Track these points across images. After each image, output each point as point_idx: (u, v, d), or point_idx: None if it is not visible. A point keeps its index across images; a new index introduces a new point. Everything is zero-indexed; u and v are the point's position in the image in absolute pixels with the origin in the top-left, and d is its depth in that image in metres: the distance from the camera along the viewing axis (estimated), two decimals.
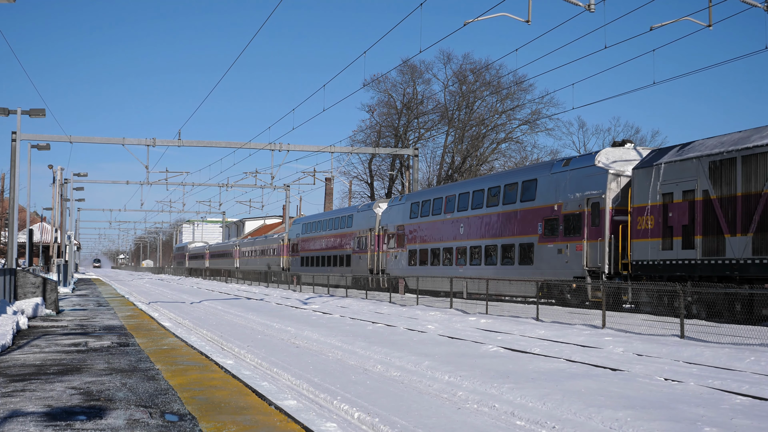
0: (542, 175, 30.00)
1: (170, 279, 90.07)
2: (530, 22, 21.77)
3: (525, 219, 30.53)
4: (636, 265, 24.37)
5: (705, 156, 22.06)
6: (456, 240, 35.77)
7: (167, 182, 63.03)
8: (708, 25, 22.03)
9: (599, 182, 26.51)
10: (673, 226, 23.10)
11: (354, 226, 49.28)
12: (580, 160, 28.47)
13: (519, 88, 69.10)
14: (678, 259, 22.88)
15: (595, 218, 26.47)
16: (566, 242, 27.78)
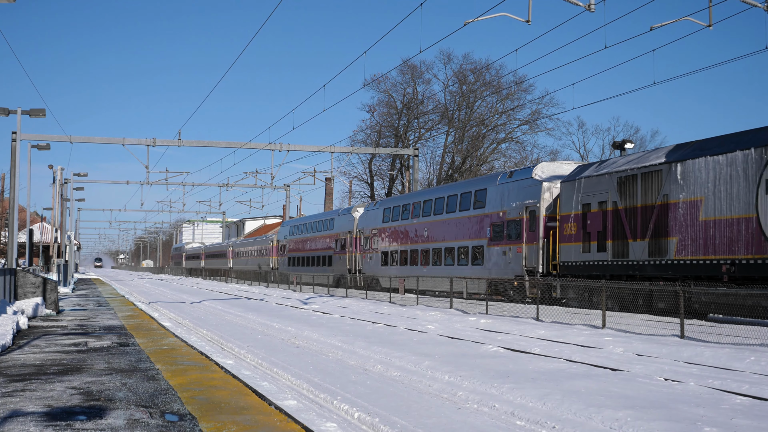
0: (491, 186, 33.40)
1: (170, 279, 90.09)
2: (530, 22, 21.79)
3: (477, 224, 34.05)
4: (563, 265, 27.51)
5: (614, 172, 25.39)
6: (421, 243, 39.42)
7: (167, 182, 63.10)
8: (708, 25, 22.04)
9: (535, 193, 29.78)
10: (591, 232, 26.28)
11: (335, 228, 52.54)
12: (520, 173, 31.83)
13: (519, 88, 69.15)
14: (594, 260, 26.08)
15: (532, 224, 29.84)
16: (509, 245, 31.21)
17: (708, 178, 21.95)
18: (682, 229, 22.73)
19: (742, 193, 20.81)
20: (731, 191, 21.17)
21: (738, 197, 20.95)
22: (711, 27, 21.92)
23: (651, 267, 23.63)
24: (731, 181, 21.19)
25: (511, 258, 30.96)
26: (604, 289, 20.95)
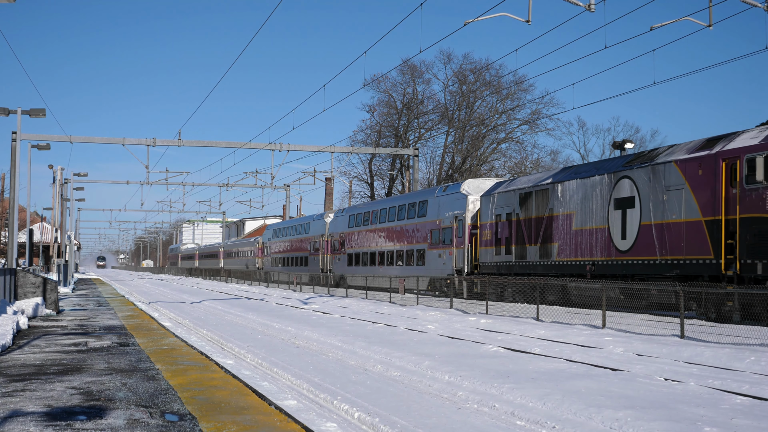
0: (431, 198, 38.59)
1: (170, 279, 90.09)
2: (530, 22, 21.78)
3: (420, 231, 39.20)
4: (481, 265, 32.86)
5: (518, 189, 30.65)
6: (378, 246, 44.60)
7: (167, 182, 63.06)
8: (708, 25, 22.03)
9: (462, 205, 35.00)
10: (501, 238, 31.46)
11: (310, 232, 57.45)
12: (452, 188, 37.14)
13: (519, 88, 69.12)
14: (503, 261, 31.30)
15: (460, 231, 34.93)
16: (444, 249, 36.33)
17: (578, 197, 27.01)
18: (561, 236, 27.80)
19: (599, 208, 25.93)
20: (592, 207, 26.32)
21: (596, 212, 26.08)
22: (711, 27, 21.91)
23: (541, 266, 28.84)
24: (593, 199, 26.33)
25: (445, 259, 36.04)
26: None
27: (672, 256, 22.52)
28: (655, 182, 23.38)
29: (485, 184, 35.28)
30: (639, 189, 24.00)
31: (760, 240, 19.44)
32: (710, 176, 21.17)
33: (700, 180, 21.53)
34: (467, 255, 34.13)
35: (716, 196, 20.92)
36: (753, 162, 19.75)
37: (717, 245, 20.75)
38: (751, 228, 19.78)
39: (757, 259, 19.51)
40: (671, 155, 23.17)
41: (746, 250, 19.84)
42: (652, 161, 23.74)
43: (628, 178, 24.56)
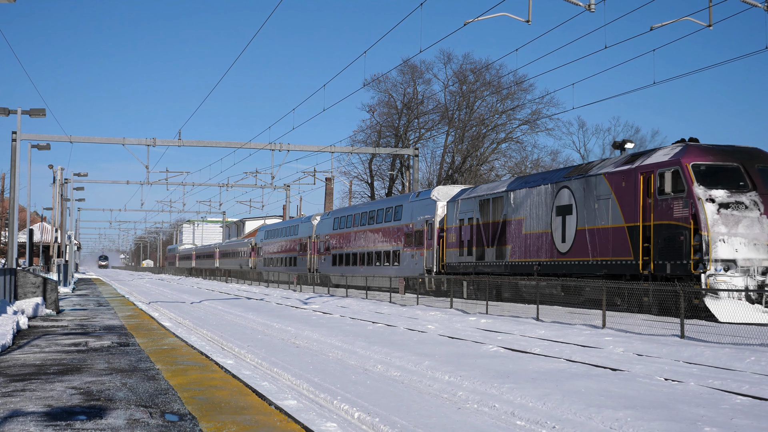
0: (405, 203, 41.78)
1: (170, 279, 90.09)
2: (530, 22, 21.77)
3: (395, 233, 42.23)
4: (447, 265, 35.92)
5: (478, 196, 33.61)
6: (358, 247, 47.72)
7: (167, 182, 63.07)
8: (708, 25, 22.02)
9: (432, 209, 37.90)
10: (464, 240, 34.37)
11: (299, 234, 60.59)
12: (423, 194, 40.25)
13: (519, 88, 69.11)
14: (465, 261, 34.20)
15: (430, 234, 37.91)
16: (416, 250, 39.41)
17: (527, 204, 29.82)
18: (513, 239, 30.66)
19: (544, 214, 28.67)
20: (539, 213, 29.04)
21: (542, 218, 28.81)
22: (711, 27, 21.90)
23: (497, 266, 31.78)
24: (539, 206, 29.04)
25: (417, 260, 39.13)
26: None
27: (601, 258, 25.33)
28: (588, 192, 26.17)
29: (452, 191, 38.10)
30: (576, 198, 26.81)
31: (668, 244, 22.33)
32: (631, 188, 23.93)
33: (624, 191, 24.29)
34: (436, 256, 37.16)
35: (636, 205, 23.69)
36: (663, 176, 22.65)
37: (636, 248, 23.48)
38: (661, 233, 22.63)
39: (667, 260, 22.37)
40: (601, 168, 26.03)
41: (658, 253, 22.69)
42: (586, 173, 26.59)
43: (567, 188, 27.38)
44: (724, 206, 21.41)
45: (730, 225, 21.24)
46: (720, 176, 22.02)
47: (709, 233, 21.09)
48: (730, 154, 22.66)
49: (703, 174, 22.00)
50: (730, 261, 21.01)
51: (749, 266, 21.01)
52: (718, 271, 20.86)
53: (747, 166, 22.20)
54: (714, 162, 22.26)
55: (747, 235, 21.21)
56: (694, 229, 21.49)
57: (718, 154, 22.65)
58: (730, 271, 20.88)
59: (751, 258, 21.08)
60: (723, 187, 21.76)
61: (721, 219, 21.27)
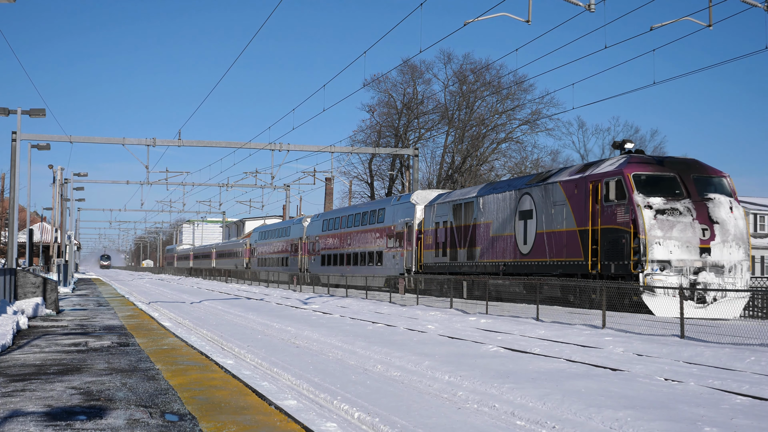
0: (388, 206, 44.24)
1: (170, 279, 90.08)
2: (530, 22, 21.76)
3: (379, 235, 44.45)
4: (424, 265, 38.33)
5: (452, 201, 35.99)
6: (345, 248, 50.20)
7: (167, 182, 63.04)
8: (708, 25, 22.02)
9: (411, 213, 40.36)
10: (439, 242, 36.65)
11: (291, 235, 63.21)
12: (404, 198, 42.78)
13: (519, 88, 69.12)
14: (440, 262, 36.42)
15: (410, 235, 40.29)
16: (397, 251, 41.82)
17: (494, 209, 32.09)
18: (482, 241, 32.86)
19: (509, 219, 30.87)
20: (504, 217, 31.28)
21: (507, 222, 30.99)
22: (711, 27, 21.90)
23: (467, 267, 34.03)
24: (504, 211, 31.32)
25: (398, 260, 41.47)
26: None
27: (557, 258, 27.56)
28: (546, 198, 28.37)
29: (430, 195, 40.62)
30: (536, 203, 29.06)
31: (612, 246, 24.63)
32: (582, 195, 26.20)
33: (576, 198, 26.56)
34: (414, 256, 39.67)
35: (586, 211, 25.96)
36: (608, 185, 24.90)
37: (586, 250, 25.74)
38: (607, 236, 24.88)
39: (611, 260, 24.66)
40: (558, 177, 28.24)
41: (604, 254, 24.97)
42: (545, 181, 28.77)
43: (529, 195, 29.60)
44: (661, 212, 23.60)
45: (665, 229, 23.45)
46: (658, 185, 24.18)
47: (646, 237, 23.31)
48: (669, 165, 24.85)
49: (643, 183, 24.15)
50: (666, 262, 23.29)
51: (682, 266, 23.32)
52: (655, 271, 23.19)
53: (683, 176, 24.36)
54: (653, 172, 24.43)
55: (680, 239, 23.44)
56: (634, 233, 23.68)
57: (657, 165, 24.87)
58: (665, 271, 23.20)
59: (684, 259, 23.36)
60: (660, 195, 23.91)
61: (658, 224, 23.46)
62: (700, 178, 24.64)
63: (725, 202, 24.08)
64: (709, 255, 23.49)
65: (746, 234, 24.15)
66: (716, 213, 23.87)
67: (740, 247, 23.91)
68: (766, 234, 61.09)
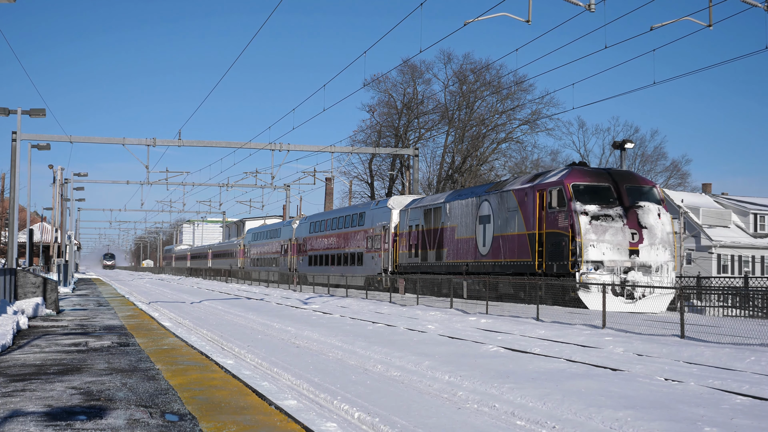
0: (368, 210, 46.99)
1: (170, 279, 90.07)
2: (530, 22, 21.76)
3: (359, 237, 47.29)
4: (399, 266, 41.23)
5: (423, 206, 38.91)
6: (329, 249, 53.19)
7: (167, 182, 63.03)
8: (708, 25, 22.02)
9: (388, 217, 43.17)
10: (412, 244, 39.61)
11: (281, 236, 66.08)
12: (382, 202, 45.51)
13: (519, 88, 69.15)
14: (413, 263, 39.40)
15: (386, 238, 43.08)
16: (376, 252, 44.43)
17: (459, 213, 34.75)
18: (449, 243, 35.57)
19: (471, 223, 33.59)
20: (467, 222, 33.95)
21: (469, 225, 33.73)
22: (711, 27, 21.90)
23: (436, 267, 36.71)
24: (467, 216, 34.00)
25: (376, 261, 44.15)
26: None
27: (510, 259, 30.22)
28: (502, 205, 31.07)
29: (405, 200, 43.26)
30: (493, 209, 31.72)
31: (554, 248, 27.23)
32: (531, 202, 28.80)
33: (526, 205, 29.15)
34: (390, 257, 42.48)
35: (534, 217, 28.60)
36: (551, 193, 27.63)
37: (534, 251, 28.39)
38: (550, 239, 27.54)
39: (553, 261, 27.31)
40: (512, 186, 30.99)
41: (548, 255, 27.59)
42: (501, 189, 31.60)
43: (487, 201, 32.29)
44: (595, 218, 26.31)
45: (599, 233, 26.14)
46: (594, 194, 26.88)
47: (582, 240, 26.00)
48: (605, 176, 27.61)
49: (581, 192, 26.82)
50: (599, 262, 25.99)
51: (613, 266, 25.97)
52: (589, 270, 25.85)
53: (617, 186, 27.08)
54: (590, 182, 27.16)
55: (612, 242, 26.12)
56: (572, 236, 26.33)
57: (594, 176, 27.58)
58: (598, 270, 25.85)
59: (615, 260, 26.03)
60: (595, 203, 26.62)
61: (592, 228, 26.14)
62: (632, 187, 27.32)
63: (654, 209, 26.76)
64: (637, 256, 26.16)
65: (672, 237, 26.93)
66: (645, 219, 26.54)
67: (666, 249, 26.57)
68: (766, 234, 61.05)
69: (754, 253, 59.62)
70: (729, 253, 58.24)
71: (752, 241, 59.76)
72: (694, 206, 58.72)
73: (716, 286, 30.90)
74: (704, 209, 59.42)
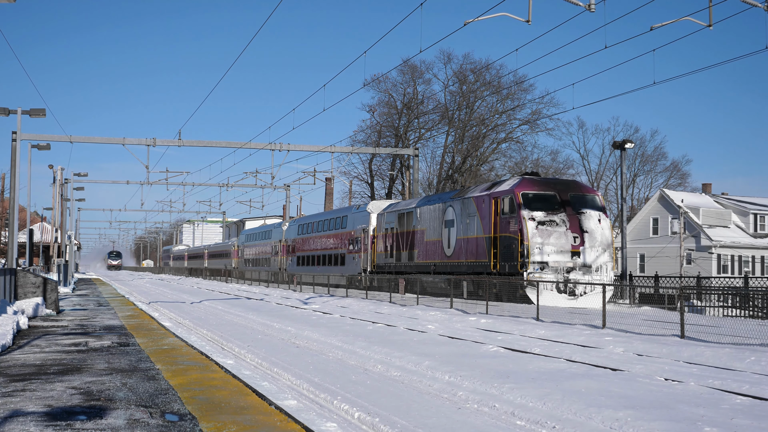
0: (349, 214, 50.31)
1: (170, 279, 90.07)
2: (530, 22, 21.75)
3: (342, 239, 50.51)
4: (376, 266, 44.08)
5: (397, 210, 41.95)
6: (315, 250, 56.37)
7: (167, 182, 62.98)
8: (708, 25, 22.01)
9: (367, 220, 46.10)
10: (387, 245, 42.62)
11: (272, 238, 69.20)
12: (362, 207, 48.70)
13: (519, 88, 69.14)
14: (388, 263, 42.28)
15: (366, 240, 45.98)
16: (356, 253, 47.50)
17: (428, 218, 37.68)
18: (419, 245, 38.53)
19: (438, 227, 36.49)
20: (434, 225, 36.91)
21: (436, 229, 36.66)
22: (711, 27, 21.89)
23: (409, 267, 39.57)
24: (434, 220, 36.96)
25: (357, 261, 47.11)
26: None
27: (471, 260, 32.94)
28: (464, 210, 33.81)
29: (382, 205, 46.46)
30: (457, 214, 34.49)
31: (507, 250, 30.10)
32: (488, 209, 31.69)
33: (484, 211, 32.00)
34: (369, 258, 45.42)
35: (490, 221, 31.46)
36: (504, 201, 30.57)
37: (489, 253, 31.30)
38: (503, 242, 30.43)
39: (506, 261, 30.18)
40: (472, 193, 33.75)
41: (501, 256, 30.50)
42: (463, 196, 34.29)
43: (452, 207, 35.11)
44: (541, 223, 29.08)
45: (544, 237, 28.90)
46: (541, 202, 29.59)
47: (529, 243, 28.76)
48: (551, 185, 30.59)
49: (530, 200, 29.54)
50: (544, 263, 28.74)
51: (557, 266, 28.77)
52: (536, 270, 28.59)
53: (561, 194, 29.88)
54: (537, 191, 29.88)
55: (556, 245, 28.90)
56: (521, 239, 29.08)
57: (542, 185, 30.37)
58: (544, 270, 28.60)
59: (558, 261, 28.82)
60: (541, 210, 29.35)
61: (538, 233, 28.92)
62: (576, 195, 30.14)
63: (595, 215, 29.61)
64: (579, 258, 28.98)
65: (611, 240, 29.69)
66: (586, 224, 29.35)
67: (605, 251, 29.39)
68: (766, 234, 61.05)
69: (754, 253, 59.62)
70: (729, 253, 58.24)
71: (752, 241, 59.76)
72: (694, 206, 58.73)
73: (716, 286, 30.96)
74: (704, 209, 59.43)
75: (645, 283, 35.04)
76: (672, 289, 27.70)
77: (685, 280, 32.45)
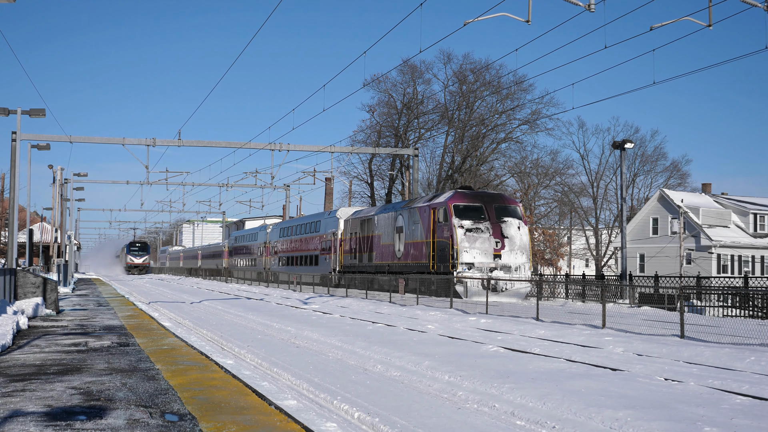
0: (323, 218, 54.92)
1: (170, 279, 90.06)
2: (530, 22, 21.74)
3: (317, 241, 55.16)
4: (343, 266, 49.15)
5: (360, 217, 46.65)
6: (294, 252, 61.03)
7: (167, 182, 63.01)
8: (708, 25, 22.02)
9: (336, 224, 50.98)
10: (351, 248, 47.72)
11: (258, 240, 73.97)
12: (332, 212, 53.51)
13: (519, 88, 69.09)
14: (353, 264, 47.25)
15: (335, 242, 50.78)
16: (328, 254, 52.06)
17: (384, 224, 42.48)
18: (376, 248, 43.25)
19: (391, 232, 41.35)
20: (388, 231, 41.79)
21: (389, 234, 41.56)
22: (711, 27, 21.89)
23: (368, 267, 44.27)
24: (388, 226, 41.86)
25: (328, 262, 51.88)
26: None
27: (416, 261, 37.95)
28: (410, 218, 38.91)
29: (349, 212, 51.63)
30: (405, 222, 39.58)
31: (442, 253, 35.15)
32: (428, 217, 36.75)
33: (426, 219, 36.98)
34: (337, 259, 50.28)
35: (429, 228, 36.47)
36: (439, 211, 35.69)
37: (429, 255, 36.32)
38: (439, 246, 35.48)
39: (441, 263, 35.18)
40: (417, 203, 38.71)
41: (437, 258, 35.56)
42: (410, 206, 39.39)
43: (401, 215, 40.12)
44: (469, 230, 34.20)
45: (471, 242, 34.03)
46: (469, 212, 34.76)
47: (458, 247, 33.89)
48: (478, 198, 35.62)
49: (460, 211, 34.65)
50: (470, 263, 33.84)
51: (482, 266, 33.87)
52: (464, 270, 33.66)
53: (487, 206, 35.01)
54: (467, 203, 34.96)
55: (480, 248, 34.06)
56: (452, 244, 34.07)
57: (471, 198, 35.41)
58: (471, 270, 33.67)
59: (483, 262, 33.95)
60: (469, 219, 34.57)
61: (466, 238, 34.02)
62: (500, 206, 35.31)
63: (515, 223, 34.76)
64: (500, 259, 34.10)
65: (529, 245, 35.02)
66: (507, 231, 34.44)
67: (523, 254, 34.52)
68: (766, 234, 61.05)
69: (754, 253, 59.60)
70: (729, 253, 58.23)
71: (752, 241, 59.74)
72: (694, 206, 58.72)
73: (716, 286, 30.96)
74: (704, 209, 59.42)
75: (645, 282, 35.07)
76: (672, 289, 27.71)
77: (684, 280, 32.50)
